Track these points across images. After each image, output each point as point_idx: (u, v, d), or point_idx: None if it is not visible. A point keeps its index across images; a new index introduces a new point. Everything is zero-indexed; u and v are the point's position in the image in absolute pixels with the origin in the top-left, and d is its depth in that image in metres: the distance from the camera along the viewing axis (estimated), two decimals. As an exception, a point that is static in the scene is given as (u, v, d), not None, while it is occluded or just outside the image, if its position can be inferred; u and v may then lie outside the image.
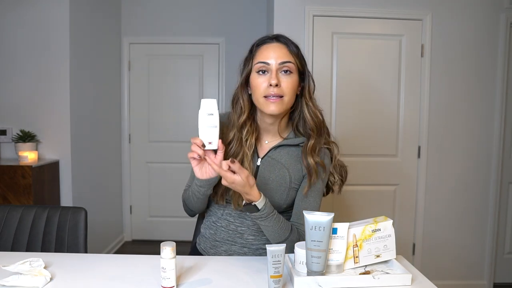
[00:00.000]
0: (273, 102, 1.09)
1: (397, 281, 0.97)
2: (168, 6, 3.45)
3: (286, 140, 1.20)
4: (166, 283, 0.92)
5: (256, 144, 1.19)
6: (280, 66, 1.10)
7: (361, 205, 2.54)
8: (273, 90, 1.08)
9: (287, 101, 1.12)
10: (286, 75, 1.11)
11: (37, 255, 1.14)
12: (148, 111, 3.53)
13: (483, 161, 2.56)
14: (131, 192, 3.61)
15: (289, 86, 1.11)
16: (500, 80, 2.50)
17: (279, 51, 1.11)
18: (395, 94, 2.50)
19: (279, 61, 1.10)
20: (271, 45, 1.13)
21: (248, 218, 1.20)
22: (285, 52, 1.12)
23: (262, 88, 1.10)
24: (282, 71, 1.10)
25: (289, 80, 1.11)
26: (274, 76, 1.08)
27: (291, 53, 1.12)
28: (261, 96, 1.11)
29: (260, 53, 1.12)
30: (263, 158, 1.19)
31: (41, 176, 2.33)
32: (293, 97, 1.14)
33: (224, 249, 1.23)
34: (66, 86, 2.51)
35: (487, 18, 2.47)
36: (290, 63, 1.11)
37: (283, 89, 1.10)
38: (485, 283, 2.63)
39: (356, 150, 2.51)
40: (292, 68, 1.11)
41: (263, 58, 1.11)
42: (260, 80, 1.11)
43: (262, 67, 1.11)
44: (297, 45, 1.16)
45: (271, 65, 1.10)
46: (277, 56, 1.10)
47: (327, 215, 0.96)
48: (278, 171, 1.17)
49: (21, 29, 2.47)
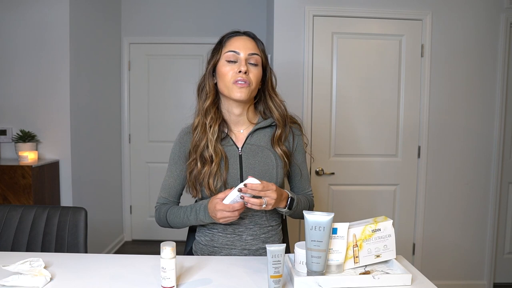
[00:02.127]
0: (241, 87, 1.16)
1: (397, 281, 0.97)
2: (168, 6, 3.45)
3: (259, 124, 1.27)
4: (166, 283, 0.92)
5: (230, 136, 1.26)
6: (249, 57, 1.18)
7: (361, 205, 2.54)
8: (241, 76, 1.16)
9: (253, 89, 1.20)
10: (253, 66, 1.19)
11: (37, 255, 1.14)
12: (148, 111, 3.53)
13: (483, 161, 2.56)
14: (131, 192, 3.61)
15: (255, 76, 1.19)
16: (500, 80, 2.50)
17: (248, 43, 1.20)
18: (395, 94, 2.50)
19: (248, 52, 1.18)
20: (241, 37, 1.21)
21: (245, 219, 1.21)
22: (253, 45, 1.21)
23: (231, 74, 1.17)
24: (249, 62, 1.19)
25: (255, 71, 1.20)
26: (244, 64, 1.17)
27: (258, 48, 1.22)
28: (230, 82, 1.18)
29: (231, 44, 1.20)
30: (243, 146, 1.24)
31: (41, 176, 2.33)
32: (257, 87, 1.23)
33: (223, 254, 1.22)
34: (66, 86, 2.51)
35: (487, 18, 2.47)
36: (257, 55, 1.20)
37: (250, 78, 1.18)
38: (485, 283, 2.63)
39: (356, 150, 2.51)
40: (258, 60, 1.20)
41: (234, 48, 1.18)
42: (228, 68, 1.18)
43: (232, 56, 1.18)
44: (263, 43, 1.26)
45: (241, 55, 1.18)
46: (247, 48, 1.19)
47: (327, 215, 0.96)
48: (261, 154, 1.23)
49: (21, 29, 2.47)
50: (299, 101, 2.43)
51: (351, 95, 2.48)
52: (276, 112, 1.24)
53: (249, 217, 1.22)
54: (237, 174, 1.20)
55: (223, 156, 1.20)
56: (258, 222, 1.22)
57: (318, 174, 2.48)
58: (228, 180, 1.18)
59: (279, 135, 1.24)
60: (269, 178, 1.20)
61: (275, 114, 1.24)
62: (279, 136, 1.24)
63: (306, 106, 2.44)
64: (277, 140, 1.23)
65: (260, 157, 1.22)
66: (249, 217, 1.22)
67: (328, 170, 2.49)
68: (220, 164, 1.18)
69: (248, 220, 1.22)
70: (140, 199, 3.60)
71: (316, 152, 2.47)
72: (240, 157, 1.22)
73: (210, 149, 1.18)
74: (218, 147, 1.20)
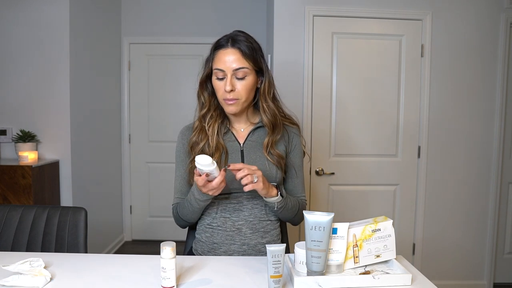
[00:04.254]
0: (231, 104, 1.19)
1: (397, 281, 0.97)
2: (168, 6, 3.45)
3: (259, 124, 1.28)
4: (166, 283, 0.92)
5: (232, 131, 1.28)
6: (234, 73, 1.17)
7: (361, 205, 2.54)
8: (229, 95, 1.17)
9: (243, 101, 1.20)
10: (240, 80, 1.18)
11: (37, 255, 1.14)
12: (148, 111, 3.53)
13: (483, 161, 2.56)
14: (131, 192, 3.61)
15: (244, 88, 1.18)
16: (500, 80, 2.50)
17: (233, 57, 1.16)
18: (395, 94, 2.50)
19: (233, 68, 1.16)
20: (225, 51, 1.17)
21: (245, 211, 1.23)
22: (238, 57, 1.16)
23: (221, 92, 1.19)
24: (236, 77, 1.17)
25: (244, 83, 1.18)
26: (228, 83, 1.16)
27: (244, 57, 1.17)
28: (221, 98, 1.20)
29: (217, 59, 1.18)
30: (245, 143, 1.27)
31: (41, 176, 2.33)
32: (250, 95, 1.22)
33: (223, 250, 1.23)
34: (66, 86, 2.51)
35: (487, 18, 2.47)
36: (243, 68, 1.17)
37: (238, 93, 1.18)
38: (485, 283, 2.63)
39: (356, 150, 2.51)
40: (246, 72, 1.17)
41: (219, 65, 1.17)
42: (218, 85, 1.19)
43: (219, 73, 1.18)
44: (254, 45, 1.20)
45: (226, 72, 1.16)
46: (232, 62, 1.16)
47: (327, 215, 0.96)
48: (262, 151, 1.25)
49: (21, 29, 2.47)
50: (299, 101, 2.43)
51: (351, 95, 2.48)
52: (265, 117, 1.24)
53: (248, 210, 1.23)
54: None
55: (224, 150, 1.23)
56: (258, 215, 1.24)
57: (318, 174, 2.48)
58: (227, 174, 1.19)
59: (267, 143, 1.24)
60: (269, 175, 1.22)
61: (264, 119, 1.24)
62: (267, 144, 1.24)
63: (306, 106, 2.44)
64: (266, 147, 1.24)
65: (261, 153, 1.25)
66: (248, 210, 1.23)
67: (328, 170, 2.49)
68: (219, 159, 1.21)
69: (247, 212, 1.23)
70: (140, 199, 3.61)
71: (316, 152, 2.47)
72: (242, 152, 1.25)
73: (212, 146, 1.21)
74: (220, 142, 1.23)
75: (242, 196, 1.23)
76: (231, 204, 1.23)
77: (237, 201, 1.23)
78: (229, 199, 1.24)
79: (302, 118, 2.42)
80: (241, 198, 1.24)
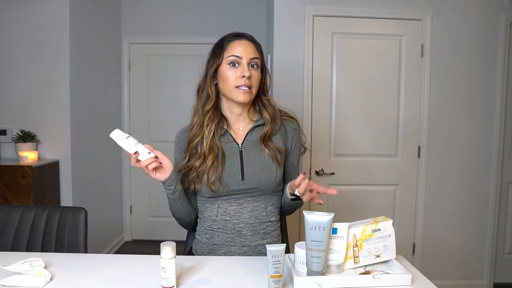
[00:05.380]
0: (244, 92, 1.20)
1: (397, 281, 0.97)
2: (168, 6, 3.45)
3: (258, 122, 1.29)
4: (166, 283, 0.92)
5: (230, 132, 1.28)
6: (250, 61, 1.21)
7: (361, 205, 2.54)
8: (245, 81, 1.19)
9: (254, 92, 1.23)
10: (254, 69, 1.22)
11: (37, 255, 1.14)
12: (148, 111, 3.53)
13: (483, 161, 2.56)
14: (131, 192, 3.61)
15: (257, 79, 1.23)
16: (500, 80, 2.50)
17: (249, 47, 1.22)
18: (395, 94, 2.50)
19: (250, 56, 1.21)
20: (242, 41, 1.22)
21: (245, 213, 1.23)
22: (253, 49, 1.23)
23: (234, 79, 1.20)
24: (251, 65, 1.21)
25: (256, 74, 1.23)
26: (247, 69, 1.19)
27: (257, 51, 1.24)
28: (233, 87, 1.20)
29: (233, 48, 1.21)
30: (243, 143, 1.27)
31: (41, 176, 2.33)
32: (257, 87, 1.26)
33: (223, 251, 1.23)
34: (66, 86, 2.51)
35: (487, 18, 2.47)
36: (258, 59, 1.23)
37: (252, 81, 1.21)
38: (485, 283, 2.63)
39: (356, 150, 2.51)
40: (258, 63, 1.23)
41: (236, 52, 1.21)
42: (231, 72, 1.21)
43: (235, 60, 1.20)
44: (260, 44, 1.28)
45: (243, 59, 1.20)
46: (248, 52, 1.21)
47: (327, 215, 0.96)
48: (261, 150, 1.25)
49: (21, 29, 2.47)
50: (299, 101, 2.43)
51: (351, 95, 2.48)
52: (266, 113, 1.27)
53: (249, 212, 1.23)
54: (238, 168, 1.23)
55: (220, 152, 1.23)
56: (258, 217, 1.24)
57: (318, 174, 2.48)
58: (223, 175, 1.21)
59: (265, 133, 1.25)
60: (269, 173, 1.22)
61: (265, 114, 1.27)
62: (265, 134, 1.25)
63: (306, 106, 2.44)
64: (263, 138, 1.25)
65: (260, 153, 1.25)
66: (249, 212, 1.23)
67: (328, 170, 2.49)
68: (215, 160, 1.21)
69: (248, 215, 1.23)
70: (140, 199, 3.60)
71: (316, 152, 2.47)
72: (241, 152, 1.25)
73: (204, 145, 1.22)
74: (215, 144, 1.23)
75: (243, 198, 1.23)
76: (231, 206, 1.23)
77: (238, 203, 1.23)
78: (229, 201, 1.23)
79: (302, 118, 2.42)
80: (241, 200, 1.23)
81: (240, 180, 1.21)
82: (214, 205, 1.24)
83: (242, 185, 1.21)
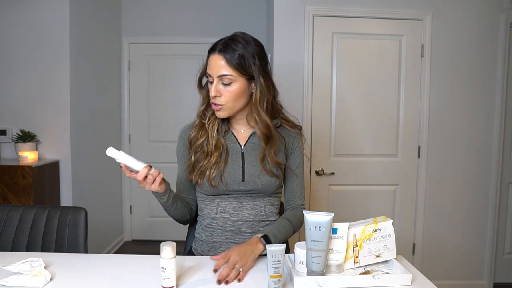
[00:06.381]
0: (217, 110, 1.18)
1: (397, 281, 0.97)
2: (168, 6, 3.45)
3: None
4: (166, 283, 0.92)
5: (233, 133, 1.27)
6: (220, 78, 1.15)
7: (361, 205, 2.54)
8: (213, 101, 1.17)
9: (230, 107, 1.18)
10: (226, 86, 1.15)
11: (37, 255, 1.14)
12: (148, 111, 3.53)
13: (483, 161, 2.56)
14: (131, 192, 3.61)
15: (229, 95, 1.15)
16: (500, 80, 2.50)
17: (218, 63, 1.14)
18: (395, 94, 2.50)
19: (217, 74, 1.14)
20: (213, 56, 1.15)
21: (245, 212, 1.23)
22: (223, 64, 1.13)
23: (210, 96, 1.18)
24: (222, 82, 1.15)
25: (230, 90, 1.15)
26: (213, 89, 1.15)
27: (229, 65, 1.13)
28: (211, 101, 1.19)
29: (208, 63, 1.18)
30: (245, 145, 1.26)
31: (41, 176, 2.33)
32: (238, 101, 1.18)
33: (223, 249, 1.23)
34: (66, 86, 2.51)
35: (487, 18, 2.47)
36: (228, 75, 1.13)
37: (222, 98, 1.16)
38: (485, 283, 2.63)
39: (356, 150, 2.51)
40: (231, 79, 1.14)
41: (208, 69, 1.17)
42: (209, 87, 1.19)
43: (209, 77, 1.18)
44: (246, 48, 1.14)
45: (213, 77, 1.16)
46: (218, 69, 1.14)
47: (327, 215, 0.96)
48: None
49: (21, 29, 2.47)
50: (299, 101, 2.43)
51: (351, 95, 2.48)
52: (257, 129, 1.20)
53: (248, 210, 1.23)
54: (239, 170, 1.23)
55: (225, 149, 1.23)
56: (258, 216, 1.24)
57: (318, 174, 2.48)
58: (225, 172, 1.21)
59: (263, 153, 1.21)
60: (269, 178, 1.22)
61: (256, 131, 1.21)
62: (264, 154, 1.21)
63: (306, 106, 2.44)
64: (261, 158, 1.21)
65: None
66: (248, 210, 1.23)
67: (328, 170, 2.49)
68: (219, 157, 1.21)
69: (247, 213, 1.23)
70: (140, 199, 3.60)
71: (316, 152, 2.47)
72: (242, 154, 1.24)
73: (211, 143, 1.21)
74: (220, 141, 1.22)
75: (242, 196, 1.23)
76: (231, 204, 1.24)
77: (237, 201, 1.23)
78: (229, 199, 1.24)
79: (302, 118, 2.42)
80: (241, 199, 1.24)
81: (240, 181, 1.22)
82: (214, 203, 1.25)
83: (242, 186, 1.22)
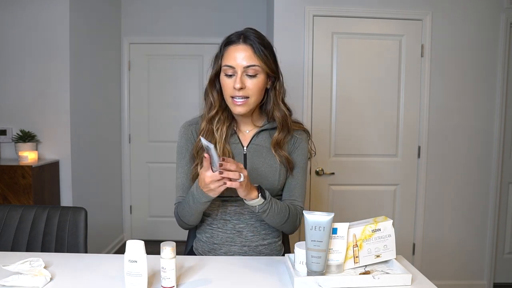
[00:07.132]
0: (239, 105, 1.14)
1: (397, 281, 0.97)
2: (168, 6, 3.45)
3: (264, 126, 1.24)
4: (166, 283, 0.92)
5: (237, 134, 1.24)
6: (245, 70, 1.12)
7: (361, 205, 2.54)
8: (238, 93, 1.12)
9: (253, 101, 1.16)
10: (251, 78, 1.13)
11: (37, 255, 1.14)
12: (148, 111, 3.53)
13: (483, 161, 2.56)
14: (131, 192, 3.61)
15: (254, 87, 1.13)
16: (500, 80, 2.50)
17: (244, 53, 1.12)
18: (395, 94, 2.50)
19: (244, 65, 1.11)
20: (237, 47, 1.13)
21: (246, 214, 1.21)
22: (250, 54, 1.12)
23: (229, 90, 1.14)
24: (247, 74, 1.12)
25: (255, 82, 1.13)
26: (238, 80, 1.11)
27: (256, 55, 1.12)
28: (229, 96, 1.15)
29: (227, 56, 1.13)
30: (248, 146, 1.23)
31: (41, 176, 2.33)
32: (259, 96, 1.17)
33: (223, 250, 1.22)
34: (66, 86, 2.51)
35: (487, 18, 2.47)
36: (255, 66, 1.12)
37: (248, 91, 1.13)
38: (485, 283, 2.63)
39: (356, 150, 2.51)
40: (257, 70, 1.13)
41: (229, 61, 1.12)
42: (227, 82, 1.14)
43: (229, 70, 1.13)
44: (265, 44, 1.16)
45: (236, 69, 1.11)
46: (242, 59, 1.11)
47: (327, 215, 0.96)
48: (265, 155, 1.22)
49: (21, 29, 2.47)
50: (299, 101, 2.43)
51: (351, 95, 2.48)
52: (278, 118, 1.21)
53: (250, 213, 1.22)
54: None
55: (230, 156, 1.19)
56: (259, 218, 1.22)
57: (318, 174, 2.48)
58: None
59: (277, 139, 1.21)
60: (272, 180, 1.20)
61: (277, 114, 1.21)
62: (277, 141, 1.20)
63: (306, 106, 2.44)
64: (274, 144, 1.20)
65: (264, 158, 1.22)
66: (250, 213, 1.22)
67: (328, 170, 2.49)
68: None
69: (249, 216, 1.22)
70: (140, 199, 3.60)
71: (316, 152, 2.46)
72: (245, 156, 1.22)
73: (219, 150, 1.17)
74: (226, 148, 1.19)
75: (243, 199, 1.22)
76: (232, 207, 1.22)
77: (238, 204, 1.21)
78: (230, 201, 1.22)
79: (302, 118, 2.42)
80: (242, 201, 1.20)
81: None
82: (215, 205, 1.23)
83: None
